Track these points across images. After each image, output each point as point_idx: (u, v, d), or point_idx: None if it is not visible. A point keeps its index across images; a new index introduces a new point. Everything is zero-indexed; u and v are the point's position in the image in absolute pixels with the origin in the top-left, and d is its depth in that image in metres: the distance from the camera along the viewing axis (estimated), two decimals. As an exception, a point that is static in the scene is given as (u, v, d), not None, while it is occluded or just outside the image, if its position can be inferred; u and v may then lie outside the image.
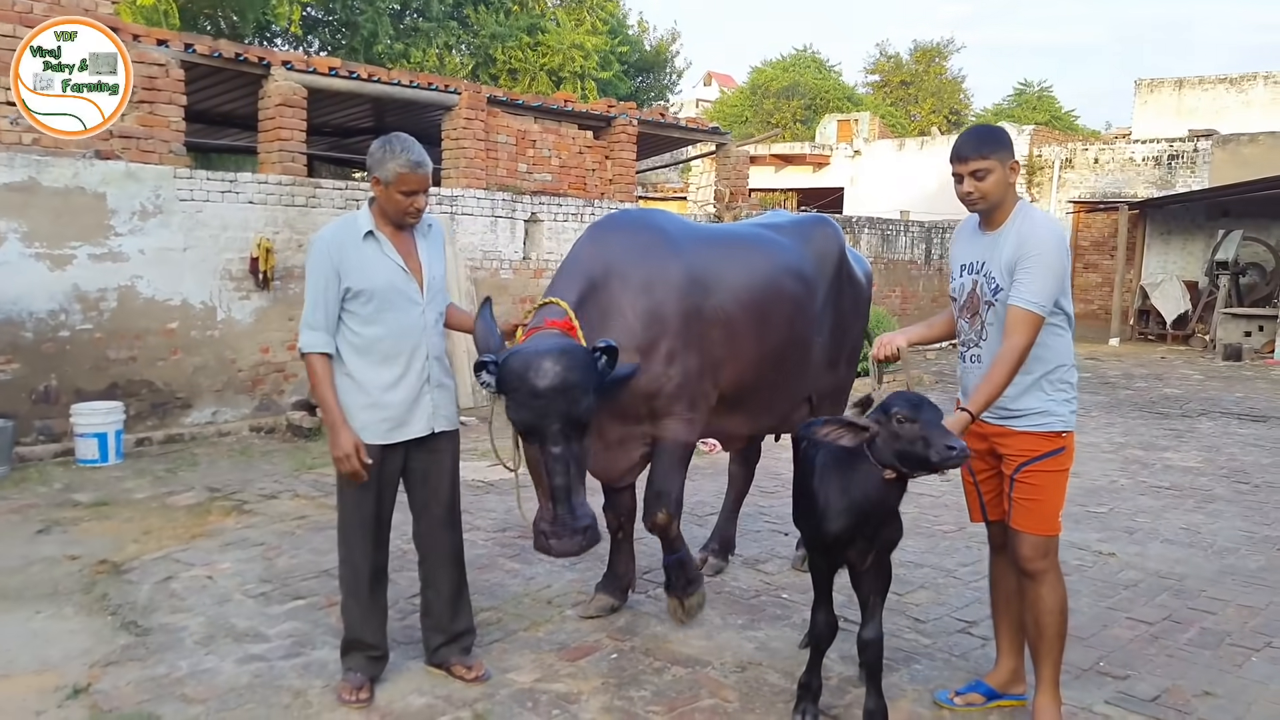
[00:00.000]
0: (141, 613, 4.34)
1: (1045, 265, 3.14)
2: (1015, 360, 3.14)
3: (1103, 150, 20.75)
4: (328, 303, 3.47)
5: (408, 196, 3.46)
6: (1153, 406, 11.18)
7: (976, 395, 3.17)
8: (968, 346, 3.41)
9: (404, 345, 3.53)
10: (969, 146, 3.24)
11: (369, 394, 3.51)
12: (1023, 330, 3.14)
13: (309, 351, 3.50)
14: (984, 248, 3.33)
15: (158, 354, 8.10)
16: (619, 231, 4.12)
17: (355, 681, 3.58)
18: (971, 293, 3.36)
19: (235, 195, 8.48)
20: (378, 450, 3.51)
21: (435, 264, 3.65)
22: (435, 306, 3.63)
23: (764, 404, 4.57)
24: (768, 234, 4.66)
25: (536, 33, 24.05)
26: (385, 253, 3.52)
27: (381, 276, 3.49)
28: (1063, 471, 3.33)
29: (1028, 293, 3.14)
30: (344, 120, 11.97)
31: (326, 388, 3.49)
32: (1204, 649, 4.19)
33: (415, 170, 3.43)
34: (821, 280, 4.71)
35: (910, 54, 44.96)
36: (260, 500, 6.23)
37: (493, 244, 10.50)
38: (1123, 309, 18.91)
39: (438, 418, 3.64)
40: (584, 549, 3.34)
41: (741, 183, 14.07)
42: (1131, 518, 6.35)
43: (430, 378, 3.60)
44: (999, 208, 3.28)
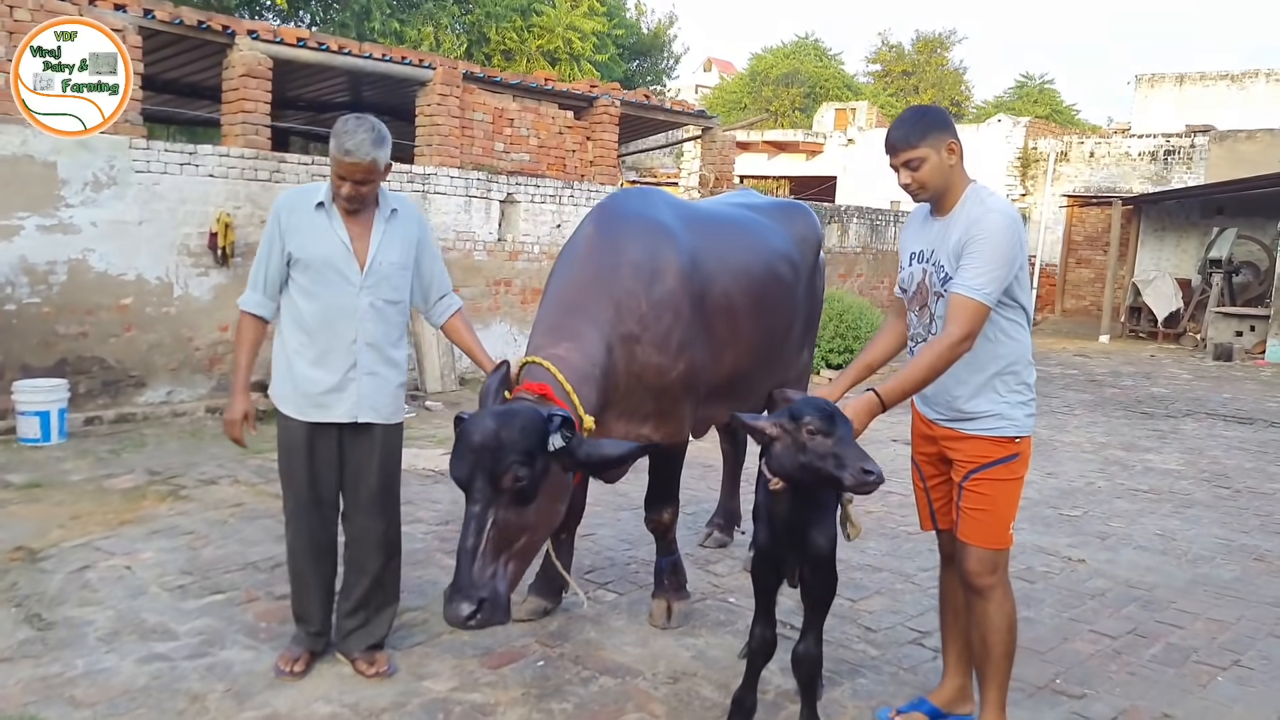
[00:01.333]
0: (49, 605, 4.10)
1: (993, 250, 2.87)
2: (948, 352, 2.85)
3: (1098, 144, 20.48)
4: (269, 264, 3.45)
5: (340, 181, 3.33)
6: (1138, 406, 10.96)
7: (893, 379, 2.89)
8: (916, 341, 3.16)
9: (332, 325, 3.41)
10: (898, 137, 2.98)
11: (291, 366, 3.46)
12: (962, 320, 2.85)
13: (241, 308, 3.52)
14: (933, 235, 3.08)
15: (110, 330, 7.83)
16: (623, 216, 3.94)
17: (293, 653, 3.57)
18: (921, 283, 3.11)
19: (195, 168, 8.20)
20: (305, 427, 3.47)
21: (389, 250, 3.47)
22: (379, 292, 3.44)
23: (748, 391, 4.50)
24: (758, 219, 4.56)
25: (531, 14, 23.69)
26: (332, 225, 3.41)
27: (320, 248, 3.38)
28: (1016, 480, 3.09)
29: (971, 279, 2.87)
30: (318, 94, 11.67)
31: (241, 350, 3.53)
32: (1168, 666, 3.98)
33: (345, 158, 3.28)
34: (804, 268, 4.71)
35: (912, 44, 44.71)
36: (199, 486, 5.98)
37: (466, 224, 10.23)
38: (1114, 305, 18.69)
39: (363, 408, 3.46)
40: (474, 623, 2.93)
41: (727, 168, 13.80)
42: (1105, 522, 6.14)
43: (359, 364, 3.43)
44: (947, 193, 3.02)
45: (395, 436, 3.61)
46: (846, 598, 4.54)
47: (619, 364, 3.58)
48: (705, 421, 4.41)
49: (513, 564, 3.04)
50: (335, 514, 3.62)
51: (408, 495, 5.78)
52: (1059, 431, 9.17)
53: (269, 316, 3.53)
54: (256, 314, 3.52)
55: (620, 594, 4.47)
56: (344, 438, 3.52)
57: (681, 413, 3.87)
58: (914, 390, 2.93)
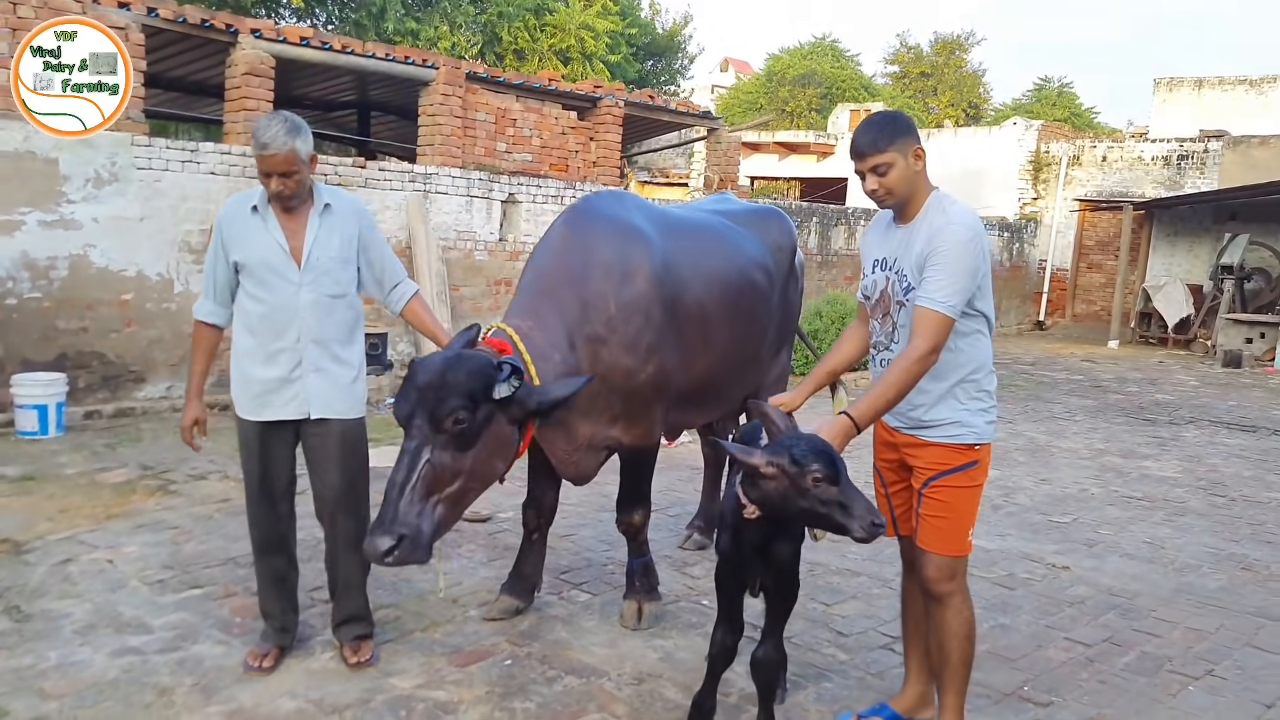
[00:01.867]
0: (28, 597, 4.15)
1: (955, 261, 2.86)
2: (915, 367, 2.85)
3: (1111, 148, 20.36)
4: (216, 273, 3.53)
5: (265, 177, 3.39)
6: (1141, 412, 10.89)
7: (864, 401, 2.88)
8: (878, 349, 3.16)
9: (276, 324, 3.46)
10: (865, 141, 2.96)
11: (241, 368, 3.54)
12: (927, 333, 2.85)
13: (195, 317, 3.62)
14: (896, 243, 3.07)
15: (110, 325, 7.91)
16: (595, 218, 3.96)
17: (261, 648, 3.63)
18: (884, 290, 3.11)
19: (196, 165, 8.27)
20: (256, 426, 3.53)
21: (328, 243, 3.51)
22: (319, 287, 3.49)
23: (721, 397, 4.54)
24: (733, 226, 4.57)
25: (544, 13, 23.74)
26: (267, 227, 3.47)
27: (256, 251, 3.45)
28: (975, 487, 3.08)
29: (935, 291, 2.86)
30: (324, 93, 11.75)
31: (195, 357, 3.65)
32: (1140, 675, 3.96)
33: (263, 152, 3.35)
34: (778, 275, 4.71)
35: (931, 46, 44.53)
36: (188, 481, 6.04)
37: (467, 224, 10.27)
38: (1124, 311, 18.57)
39: (313, 404, 3.51)
40: (390, 560, 3.00)
41: (733, 169, 13.79)
42: (1095, 529, 6.11)
43: (304, 361, 3.48)
44: (911, 199, 3.01)
45: (356, 432, 3.63)
46: (820, 601, 4.55)
47: (582, 362, 3.61)
48: (678, 426, 4.42)
49: (441, 507, 3.10)
50: (287, 507, 3.67)
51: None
52: (1057, 437, 9.13)
53: (222, 324, 3.61)
54: (210, 322, 3.60)
55: (594, 595, 4.49)
56: (303, 436, 3.58)
57: (651, 416, 3.88)
58: (886, 409, 2.92)
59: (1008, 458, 8.05)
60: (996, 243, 19.70)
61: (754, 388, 4.68)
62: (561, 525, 5.31)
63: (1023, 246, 20.47)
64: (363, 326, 3.73)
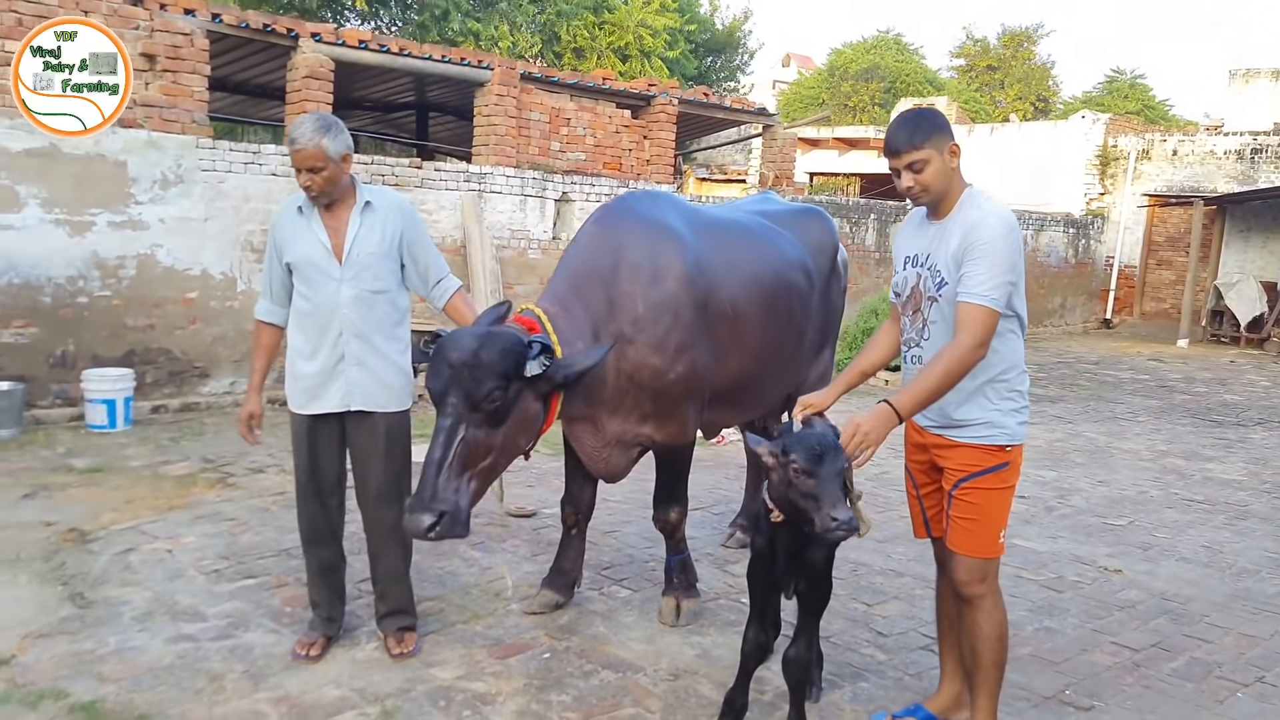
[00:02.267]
0: (91, 584, 4.33)
1: (994, 255, 2.85)
2: (962, 360, 2.83)
3: (1182, 142, 19.81)
4: (271, 273, 3.71)
5: (298, 175, 3.54)
6: (1207, 414, 10.62)
7: (905, 391, 2.88)
8: (909, 346, 3.15)
9: (320, 319, 3.60)
10: (900, 138, 2.97)
11: (292, 364, 3.68)
12: (973, 327, 2.84)
13: (255, 317, 3.82)
14: (929, 239, 3.07)
15: (176, 323, 8.16)
16: (628, 218, 4.01)
17: (309, 637, 3.75)
18: (915, 287, 3.10)
19: (258, 167, 8.49)
20: (305, 419, 3.67)
21: (368, 240, 3.62)
22: (360, 283, 3.60)
23: (758, 396, 4.54)
24: (771, 226, 4.55)
25: (603, 11, 23.85)
26: (311, 227, 3.61)
27: (302, 250, 3.59)
28: (1006, 489, 3.06)
29: (978, 285, 2.85)
30: (384, 95, 11.96)
31: (255, 354, 3.82)
32: (1187, 681, 3.89)
33: (292, 147, 3.51)
34: (818, 275, 4.69)
35: (998, 38, 43.74)
36: (246, 474, 6.22)
37: (521, 223, 10.38)
38: (1195, 309, 18.08)
39: (354, 395, 3.62)
40: (433, 535, 3.12)
41: (788, 166, 13.73)
42: (1151, 532, 5.99)
43: (346, 355, 3.59)
44: (945, 197, 3.01)
45: (399, 426, 3.73)
46: (862, 602, 4.54)
47: (607, 359, 3.64)
48: (715, 424, 4.44)
49: (475, 482, 3.23)
50: (335, 502, 3.78)
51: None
52: (1118, 439, 8.95)
53: (280, 323, 3.75)
54: (269, 321, 3.76)
55: (634, 591, 4.54)
56: (347, 429, 3.70)
57: (684, 415, 3.91)
58: (929, 400, 2.90)
59: (1065, 459, 7.92)
60: (1061, 239, 19.31)
61: (793, 387, 4.68)
62: (605, 522, 5.37)
63: (1089, 243, 20.02)
64: (408, 322, 3.82)
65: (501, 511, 5.52)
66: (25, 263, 7.36)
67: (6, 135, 7.21)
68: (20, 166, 7.27)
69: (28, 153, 7.29)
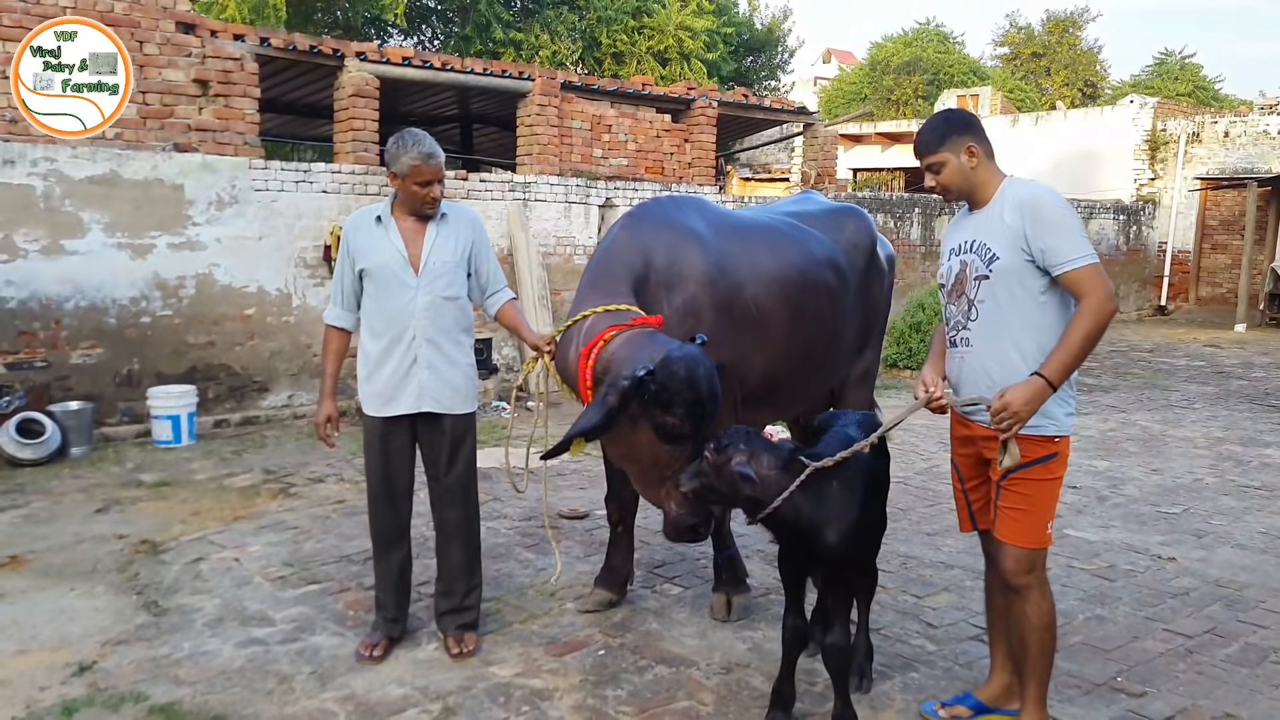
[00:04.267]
0: (165, 593, 4.51)
1: (1062, 218, 2.95)
2: (1097, 316, 2.86)
3: (1233, 123, 19.42)
4: (344, 279, 3.86)
5: (423, 187, 3.70)
6: (1265, 399, 10.44)
7: (1052, 360, 2.89)
8: (956, 330, 3.19)
9: (394, 324, 3.75)
10: (919, 143, 3.15)
11: (366, 367, 3.83)
12: (1089, 287, 2.87)
13: (325, 322, 3.94)
14: (974, 227, 3.15)
15: (235, 339, 8.41)
16: (654, 223, 4.09)
17: (372, 638, 3.88)
18: (959, 274, 3.16)
19: (309, 185, 8.72)
20: (379, 422, 3.81)
21: (444, 249, 3.80)
22: (434, 290, 3.76)
23: (790, 395, 4.55)
24: (801, 226, 4.58)
25: (642, 15, 23.96)
26: (390, 237, 3.77)
27: (379, 258, 3.75)
28: (1054, 480, 3.09)
29: (1069, 251, 2.90)
30: (429, 109, 12.17)
31: (326, 359, 3.93)
32: (1241, 666, 3.88)
33: (427, 162, 3.67)
34: (853, 273, 4.68)
35: (1042, 25, 43.18)
36: (307, 484, 6.41)
37: (566, 230, 10.52)
38: (1250, 293, 17.70)
39: (424, 398, 3.77)
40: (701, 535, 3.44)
41: (830, 164, 13.73)
42: (1207, 519, 5.94)
43: (418, 359, 3.75)
44: (980, 189, 3.12)
45: (464, 427, 3.89)
46: (912, 594, 4.58)
47: None
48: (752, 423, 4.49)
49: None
50: (407, 506, 3.93)
51: (496, 491, 6.10)
52: (1173, 426, 8.84)
53: (350, 327, 3.91)
54: (339, 326, 3.91)
55: (686, 588, 4.62)
56: (419, 432, 3.85)
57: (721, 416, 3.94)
58: (1077, 362, 2.91)
59: (1118, 448, 7.86)
60: (1112, 226, 19.04)
61: (830, 384, 4.71)
62: (655, 522, 5.41)
63: (1140, 229, 19.72)
64: (473, 330, 3.98)
65: (554, 514, 5.64)
66: (91, 286, 7.64)
67: (69, 164, 7.49)
68: (83, 193, 7.56)
69: (90, 180, 7.57)
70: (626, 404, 3.32)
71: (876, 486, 3.38)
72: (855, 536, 3.20)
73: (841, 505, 3.16)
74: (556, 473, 6.61)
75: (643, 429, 3.40)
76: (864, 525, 3.25)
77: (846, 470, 3.16)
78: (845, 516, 3.16)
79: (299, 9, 19.26)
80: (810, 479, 3.07)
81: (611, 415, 3.32)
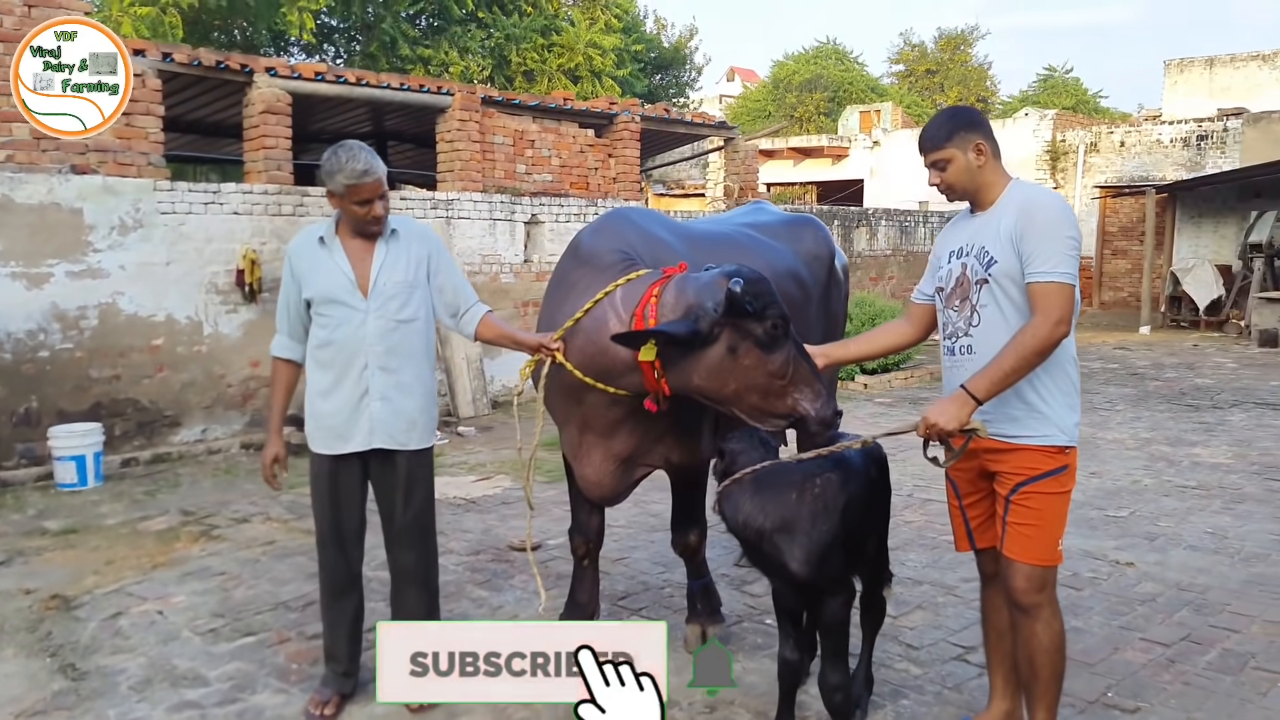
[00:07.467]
0: (82, 654, 4.10)
1: (1057, 231, 2.80)
2: (1040, 340, 2.74)
3: (1129, 133, 20.14)
4: (289, 307, 3.53)
5: (363, 206, 3.37)
6: (1182, 398, 10.70)
7: (980, 375, 2.79)
8: (955, 338, 3.04)
9: (343, 353, 3.43)
10: (925, 138, 2.99)
11: (312, 402, 3.50)
12: (1048, 306, 2.75)
13: (271, 353, 3.61)
14: (974, 229, 3.01)
15: (143, 372, 7.90)
16: (623, 227, 3.84)
17: (322, 694, 3.55)
18: (960, 277, 3.01)
19: (219, 206, 8.27)
20: (327, 460, 3.49)
21: (395, 269, 3.48)
22: (386, 312, 3.44)
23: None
24: (759, 237, 4.41)
25: (551, 33, 23.80)
26: (334, 259, 3.45)
27: (323, 283, 3.43)
28: (1065, 493, 2.95)
29: (1045, 263, 2.77)
30: (341, 126, 11.75)
31: (274, 393, 3.61)
32: (1225, 674, 3.82)
33: (363, 179, 3.33)
34: (815, 285, 4.57)
35: (935, 42, 44.44)
36: (231, 525, 5.99)
37: (492, 247, 10.23)
38: (1153, 296, 18.32)
39: (376, 434, 3.46)
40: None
41: (751, 178, 13.72)
42: (1154, 521, 5.96)
43: (370, 389, 3.43)
44: (985, 189, 2.98)
45: (421, 465, 3.58)
46: (888, 614, 4.42)
47: None
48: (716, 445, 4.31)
49: None
50: (358, 551, 3.61)
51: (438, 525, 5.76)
52: (1101, 429, 8.96)
53: (299, 359, 3.57)
54: (286, 357, 3.57)
55: (654, 620, 4.39)
56: (370, 469, 3.53)
57: (697, 432, 3.77)
58: (1006, 384, 2.79)
59: (1054, 453, 7.89)
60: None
61: None
62: (613, 549, 5.22)
63: (1045, 237, 20.24)
64: (434, 354, 3.67)
65: (504, 546, 5.35)
66: (-18, 319, 7.08)
67: (-45, 188, 6.94)
68: (-29, 220, 7.01)
69: (-22, 205, 7.03)
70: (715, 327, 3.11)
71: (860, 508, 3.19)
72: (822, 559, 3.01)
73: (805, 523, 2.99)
74: (501, 501, 6.31)
75: (746, 351, 3.12)
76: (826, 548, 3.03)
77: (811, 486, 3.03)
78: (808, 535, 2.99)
79: (195, 27, 18.55)
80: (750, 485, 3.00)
81: (696, 333, 3.10)
